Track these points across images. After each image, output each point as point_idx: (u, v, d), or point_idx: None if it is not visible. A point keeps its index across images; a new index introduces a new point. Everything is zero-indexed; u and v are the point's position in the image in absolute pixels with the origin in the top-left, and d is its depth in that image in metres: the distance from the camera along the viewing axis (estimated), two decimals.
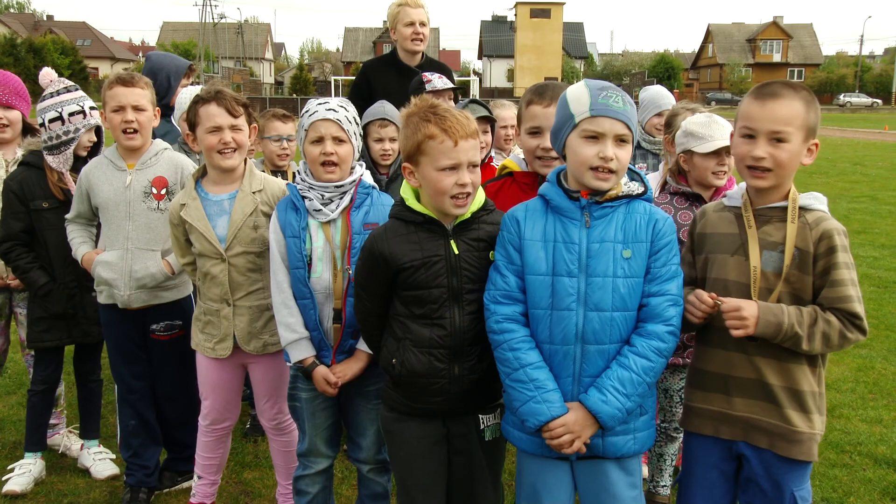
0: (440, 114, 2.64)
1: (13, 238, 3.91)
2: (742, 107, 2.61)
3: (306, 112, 3.11)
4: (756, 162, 2.53)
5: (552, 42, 71.63)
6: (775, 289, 2.54)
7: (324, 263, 3.08)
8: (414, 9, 5.26)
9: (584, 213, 2.58)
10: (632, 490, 2.66)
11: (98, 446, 4.34)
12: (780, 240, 2.55)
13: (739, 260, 2.61)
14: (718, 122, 3.50)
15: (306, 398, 3.21)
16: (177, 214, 3.38)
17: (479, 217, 2.74)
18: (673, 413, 3.71)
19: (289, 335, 3.11)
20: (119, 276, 3.67)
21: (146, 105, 3.72)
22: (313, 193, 3.09)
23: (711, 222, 2.73)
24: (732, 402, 2.63)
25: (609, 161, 2.51)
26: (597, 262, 2.53)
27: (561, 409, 2.52)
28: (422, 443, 2.78)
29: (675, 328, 2.56)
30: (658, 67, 74.33)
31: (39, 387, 4.14)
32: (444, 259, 2.66)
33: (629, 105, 2.57)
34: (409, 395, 2.75)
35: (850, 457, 4.43)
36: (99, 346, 4.29)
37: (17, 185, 3.93)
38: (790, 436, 2.56)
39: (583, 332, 2.53)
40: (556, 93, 3.02)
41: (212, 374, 3.52)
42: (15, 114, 4.13)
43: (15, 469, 4.11)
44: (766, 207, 2.61)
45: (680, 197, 3.60)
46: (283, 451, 3.63)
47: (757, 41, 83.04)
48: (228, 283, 3.33)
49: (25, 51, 56.98)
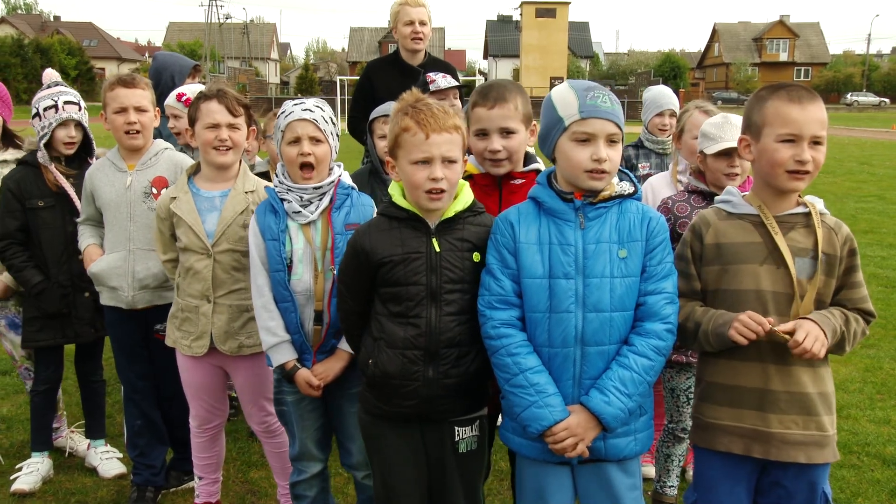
0: (417, 107, 2.63)
1: (8, 237, 3.92)
2: (770, 111, 2.55)
3: (282, 113, 3.10)
4: (800, 166, 2.50)
5: (558, 42, 71.47)
6: (807, 295, 2.54)
7: (304, 265, 3.05)
8: (414, 8, 5.24)
9: (578, 214, 2.56)
10: (632, 491, 2.65)
11: (105, 445, 4.35)
12: (810, 246, 2.55)
13: (771, 269, 2.56)
14: (732, 123, 3.47)
15: (292, 401, 3.18)
16: (166, 208, 3.38)
17: (465, 217, 2.70)
18: (680, 413, 3.68)
19: (270, 339, 3.09)
20: (122, 277, 3.67)
21: (147, 106, 3.73)
22: (292, 195, 3.06)
23: (723, 231, 2.66)
24: (767, 419, 2.57)
25: (603, 162, 2.50)
26: (594, 262, 2.51)
27: (563, 412, 2.50)
28: (399, 449, 2.75)
29: (673, 326, 2.55)
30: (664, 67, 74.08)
31: (41, 387, 4.16)
32: (425, 256, 2.63)
33: (616, 104, 2.56)
34: (383, 396, 2.71)
35: (857, 457, 4.42)
36: (98, 346, 4.30)
37: (14, 183, 3.93)
38: (823, 441, 2.56)
39: (582, 333, 2.51)
40: (501, 93, 3.01)
41: (192, 375, 3.52)
42: None
43: (23, 468, 4.13)
44: (786, 214, 2.60)
45: (697, 196, 3.61)
46: (276, 453, 3.63)
47: (763, 40, 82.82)
48: (212, 279, 3.32)
49: (32, 51, 57.14)
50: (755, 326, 2.47)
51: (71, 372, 4.50)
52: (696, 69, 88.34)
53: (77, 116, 3.90)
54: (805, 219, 2.59)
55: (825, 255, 2.54)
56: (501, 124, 2.97)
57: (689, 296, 2.71)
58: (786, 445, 2.56)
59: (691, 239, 2.73)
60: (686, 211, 3.57)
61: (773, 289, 2.56)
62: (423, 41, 5.30)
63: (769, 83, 2.75)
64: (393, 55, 5.53)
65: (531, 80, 67.29)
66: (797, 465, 2.57)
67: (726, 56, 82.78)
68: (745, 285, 2.59)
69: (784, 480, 2.61)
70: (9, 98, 4.25)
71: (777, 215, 2.60)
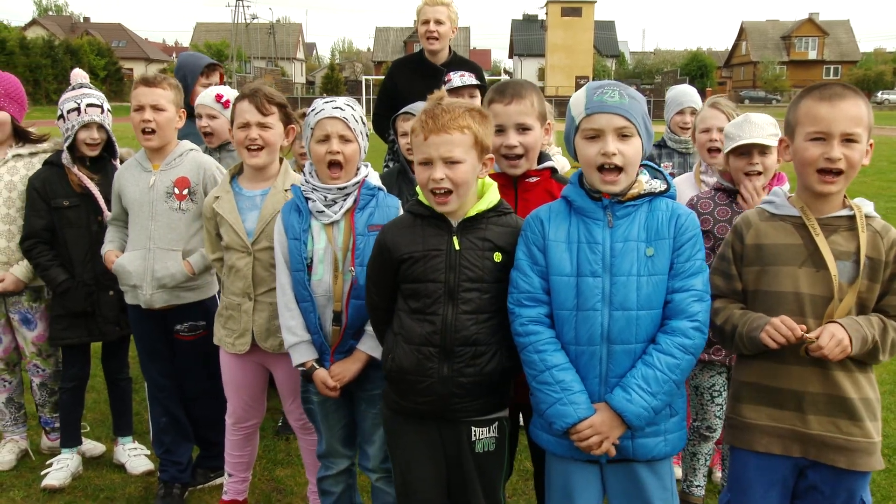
0: (427, 109, 2.65)
1: (35, 236, 3.99)
2: (802, 110, 2.54)
3: (312, 110, 3.11)
4: (830, 164, 2.46)
5: (583, 41, 71.20)
6: (846, 298, 2.49)
7: (325, 265, 3.05)
8: (431, 6, 5.19)
9: (606, 212, 2.56)
10: (663, 493, 2.62)
11: (133, 442, 4.40)
12: (852, 249, 2.50)
13: (810, 271, 2.53)
14: (751, 122, 3.46)
15: (317, 400, 3.21)
16: (210, 207, 3.42)
17: (488, 217, 2.70)
18: (705, 411, 3.67)
19: (290, 338, 3.11)
20: (141, 276, 3.71)
21: (166, 105, 3.73)
22: (317, 195, 3.07)
23: (764, 232, 2.63)
24: (807, 420, 2.54)
25: (611, 156, 2.48)
26: (621, 261, 2.51)
27: (588, 410, 2.50)
28: (417, 446, 2.76)
29: (702, 324, 2.52)
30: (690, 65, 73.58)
31: (69, 384, 4.21)
32: (444, 254, 2.64)
33: (629, 98, 2.53)
34: (400, 392, 2.74)
35: (888, 460, 4.35)
36: (123, 345, 4.35)
37: (39, 183, 4.00)
38: (869, 448, 2.52)
39: (608, 331, 2.51)
40: (517, 90, 3.02)
41: (234, 373, 3.54)
42: (3, 115, 4.13)
43: (53, 464, 4.18)
44: (830, 217, 2.56)
45: (722, 193, 3.60)
46: (311, 450, 3.63)
47: (792, 38, 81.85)
48: (252, 277, 3.35)
49: (63, 52, 57.90)
50: (786, 332, 2.44)
51: (99, 370, 4.54)
52: (723, 68, 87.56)
53: (99, 119, 3.94)
54: (849, 222, 2.54)
55: (868, 259, 2.49)
56: (518, 120, 2.98)
57: (729, 296, 2.68)
58: (826, 448, 2.52)
59: (733, 239, 2.71)
60: (709, 208, 3.57)
61: (811, 291, 2.52)
62: (438, 41, 5.24)
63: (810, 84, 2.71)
64: (418, 54, 5.53)
65: (556, 80, 67.11)
66: (836, 470, 2.53)
67: (754, 54, 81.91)
68: (784, 287, 2.56)
69: (822, 485, 2.57)
70: (22, 95, 4.28)
71: (820, 217, 2.56)
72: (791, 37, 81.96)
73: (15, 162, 4.15)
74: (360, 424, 3.22)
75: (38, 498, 4.00)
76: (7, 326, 4.29)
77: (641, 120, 2.54)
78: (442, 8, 5.21)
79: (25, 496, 4.02)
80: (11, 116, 4.17)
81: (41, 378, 4.32)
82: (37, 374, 4.32)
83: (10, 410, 4.39)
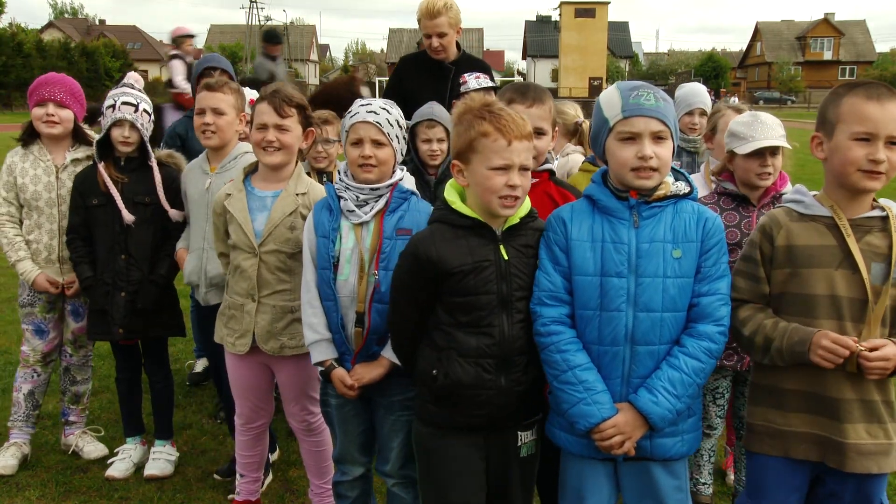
0: (495, 112, 2.59)
1: (73, 231, 4.11)
2: (846, 107, 2.47)
3: (349, 113, 3.10)
4: (875, 166, 2.41)
5: (597, 42, 71.00)
6: (880, 300, 2.46)
7: (351, 266, 3.03)
8: (430, 20, 5.14)
9: (632, 213, 2.54)
10: (678, 493, 2.62)
11: (164, 446, 4.36)
12: (886, 251, 2.47)
13: (846, 273, 2.48)
14: (763, 122, 3.40)
15: (336, 404, 3.17)
16: (220, 203, 3.44)
17: (527, 223, 2.69)
18: (707, 412, 3.65)
19: (311, 335, 3.09)
20: (197, 275, 3.87)
21: (226, 109, 3.82)
22: (349, 194, 3.05)
23: (795, 233, 2.57)
24: (842, 429, 2.48)
25: (649, 160, 2.47)
26: (647, 262, 2.49)
27: (611, 410, 2.50)
28: (464, 462, 2.70)
29: (726, 328, 2.52)
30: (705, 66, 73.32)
31: (121, 375, 4.36)
32: (494, 264, 2.60)
33: (663, 101, 2.53)
34: (451, 406, 2.67)
35: None
36: (160, 346, 4.38)
37: (79, 181, 4.11)
38: (889, 450, 2.49)
39: (632, 333, 2.50)
40: (539, 94, 3.02)
41: (238, 373, 3.56)
42: (67, 113, 4.18)
43: (118, 453, 4.32)
44: (862, 217, 2.51)
45: (727, 197, 3.52)
46: (313, 451, 3.65)
47: (807, 39, 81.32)
48: (257, 278, 3.35)
49: (79, 54, 58.32)
50: (842, 352, 2.39)
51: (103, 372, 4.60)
52: (737, 69, 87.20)
53: (130, 117, 3.95)
54: (882, 222, 2.51)
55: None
56: (537, 124, 2.97)
57: (754, 300, 2.64)
58: (860, 456, 2.47)
59: (760, 240, 2.64)
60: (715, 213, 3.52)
61: (848, 294, 2.48)
62: (443, 52, 5.25)
63: (847, 81, 2.66)
64: (425, 51, 5.45)
65: (570, 81, 67.02)
66: (857, 475, 2.49)
67: (769, 55, 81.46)
68: (819, 290, 2.50)
69: (842, 491, 2.54)
70: (82, 97, 4.33)
71: (852, 218, 2.51)
72: (806, 37, 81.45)
73: (74, 167, 4.22)
74: (378, 430, 3.20)
75: (54, 497, 4.03)
76: (57, 322, 4.38)
77: (673, 122, 2.54)
78: (442, 19, 5.13)
79: (41, 495, 4.04)
80: (74, 115, 4.25)
81: (67, 363, 4.45)
82: (65, 359, 4.45)
83: (28, 405, 4.40)
